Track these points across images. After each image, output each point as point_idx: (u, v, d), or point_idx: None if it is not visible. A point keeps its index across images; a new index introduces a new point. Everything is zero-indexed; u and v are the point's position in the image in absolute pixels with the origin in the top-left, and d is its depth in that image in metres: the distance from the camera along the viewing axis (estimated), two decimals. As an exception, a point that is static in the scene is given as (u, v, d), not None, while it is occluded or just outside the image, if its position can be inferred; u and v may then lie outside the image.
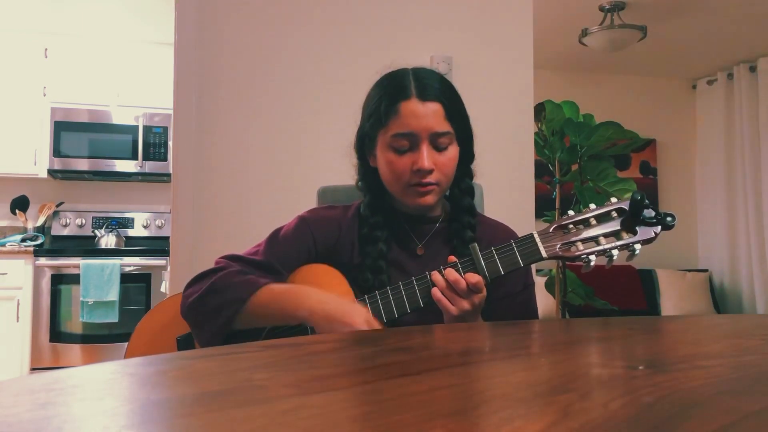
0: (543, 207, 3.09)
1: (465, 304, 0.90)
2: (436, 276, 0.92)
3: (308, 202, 1.25)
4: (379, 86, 1.06)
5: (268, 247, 1.06)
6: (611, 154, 3.12)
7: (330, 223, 1.10)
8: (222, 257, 1.05)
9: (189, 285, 1.00)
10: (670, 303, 4.38)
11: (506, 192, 2.11)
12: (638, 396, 0.42)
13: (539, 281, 3.15)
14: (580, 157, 2.99)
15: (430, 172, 1.00)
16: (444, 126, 1.00)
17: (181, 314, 0.98)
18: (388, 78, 1.06)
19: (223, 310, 0.94)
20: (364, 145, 1.09)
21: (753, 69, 4.55)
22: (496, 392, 0.44)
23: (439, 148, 1.01)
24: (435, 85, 1.02)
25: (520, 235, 1.10)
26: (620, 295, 4.11)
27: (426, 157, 0.99)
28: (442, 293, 0.91)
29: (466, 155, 1.08)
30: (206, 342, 0.96)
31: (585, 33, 3.55)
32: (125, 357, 1.04)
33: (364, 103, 1.09)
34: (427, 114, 0.99)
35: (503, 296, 1.04)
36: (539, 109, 2.97)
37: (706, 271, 4.70)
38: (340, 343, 0.69)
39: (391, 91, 1.02)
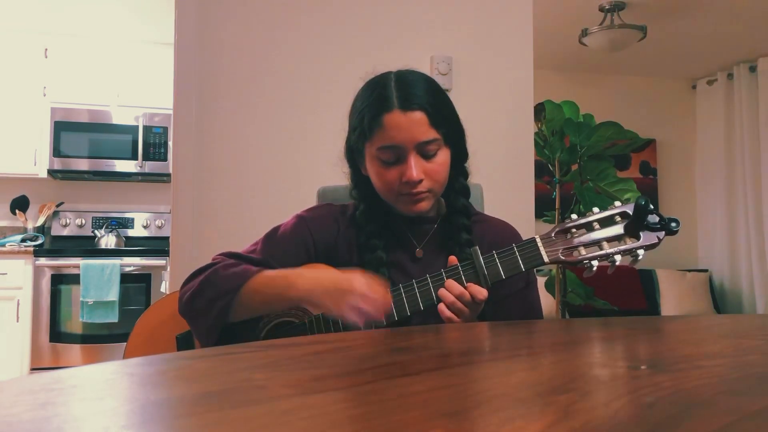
0: (543, 207, 3.09)
1: (468, 314, 0.91)
2: (443, 292, 0.91)
3: (308, 202, 1.25)
4: (362, 96, 1.04)
5: (265, 245, 1.06)
6: (611, 154, 3.12)
7: (329, 223, 1.09)
8: (219, 254, 1.05)
9: (185, 282, 1.00)
10: (670, 303, 4.39)
11: (506, 192, 2.10)
12: (638, 396, 0.42)
13: (539, 281, 3.14)
14: (580, 157, 3.00)
15: (420, 182, 0.99)
16: (429, 133, 0.98)
17: (179, 312, 0.99)
18: (371, 87, 1.04)
19: (217, 301, 0.94)
20: (354, 154, 1.08)
21: (753, 69, 4.55)
22: (496, 392, 0.44)
23: (427, 156, 0.99)
24: (418, 93, 0.99)
25: (521, 233, 1.10)
26: (620, 295, 4.11)
27: (413, 167, 0.97)
28: (448, 307, 0.90)
29: (459, 155, 1.07)
30: (204, 337, 0.96)
31: (585, 33, 3.56)
32: (124, 354, 1.04)
33: (349, 112, 1.08)
34: (411, 124, 0.97)
35: (506, 296, 1.04)
36: (539, 109, 2.97)
37: (706, 271, 4.70)
38: (340, 343, 0.69)
39: (374, 102, 1.00)
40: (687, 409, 0.39)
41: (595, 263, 0.89)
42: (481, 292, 0.90)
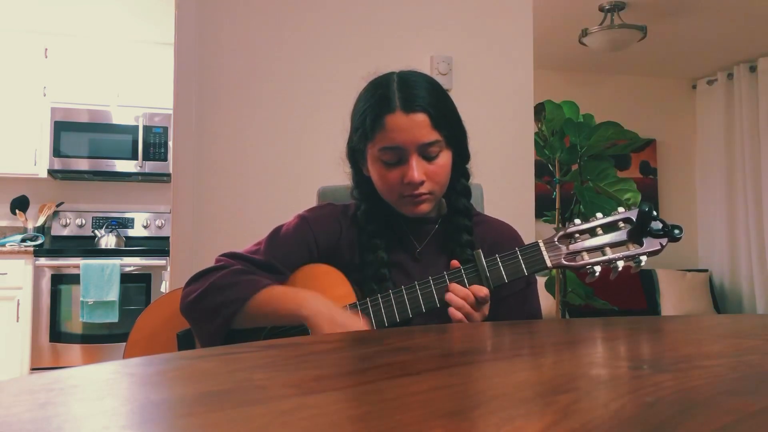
0: (543, 207, 3.09)
1: (475, 315, 0.92)
2: (450, 296, 0.92)
3: (308, 202, 1.25)
4: (365, 97, 1.04)
5: (268, 246, 1.06)
6: (611, 154, 3.13)
7: (331, 223, 1.10)
8: (222, 255, 1.04)
9: (189, 282, 1.00)
10: (670, 303, 4.38)
11: (506, 192, 2.11)
12: (639, 396, 0.42)
13: (539, 281, 3.15)
14: (580, 157, 3.00)
15: (421, 183, 0.99)
16: (431, 135, 0.98)
17: (181, 311, 0.98)
18: (373, 87, 1.04)
19: (222, 308, 0.94)
20: (356, 155, 1.08)
21: (753, 69, 4.55)
22: (496, 392, 0.44)
23: (428, 158, 0.99)
24: (420, 94, 0.99)
25: (521, 233, 1.10)
26: (620, 295, 4.11)
27: (415, 169, 0.98)
28: (458, 309, 0.92)
29: (461, 156, 1.07)
30: (206, 340, 0.96)
31: (585, 33, 3.56)
32: (124, 352, 1.04)
33: (351, 112, 1.08)
34: (413, 126, 0.97)
35: (506, 296, 1.04)
36: (539, 109, 2.97)
37: (706, 271, 4.70)
38: (340, 343, 0.69)
39: (376, 103, 1.00)
40: (687, 409, 0.39)
41: (597, 269, 0.89)
42: (482, 290, 0.91)
